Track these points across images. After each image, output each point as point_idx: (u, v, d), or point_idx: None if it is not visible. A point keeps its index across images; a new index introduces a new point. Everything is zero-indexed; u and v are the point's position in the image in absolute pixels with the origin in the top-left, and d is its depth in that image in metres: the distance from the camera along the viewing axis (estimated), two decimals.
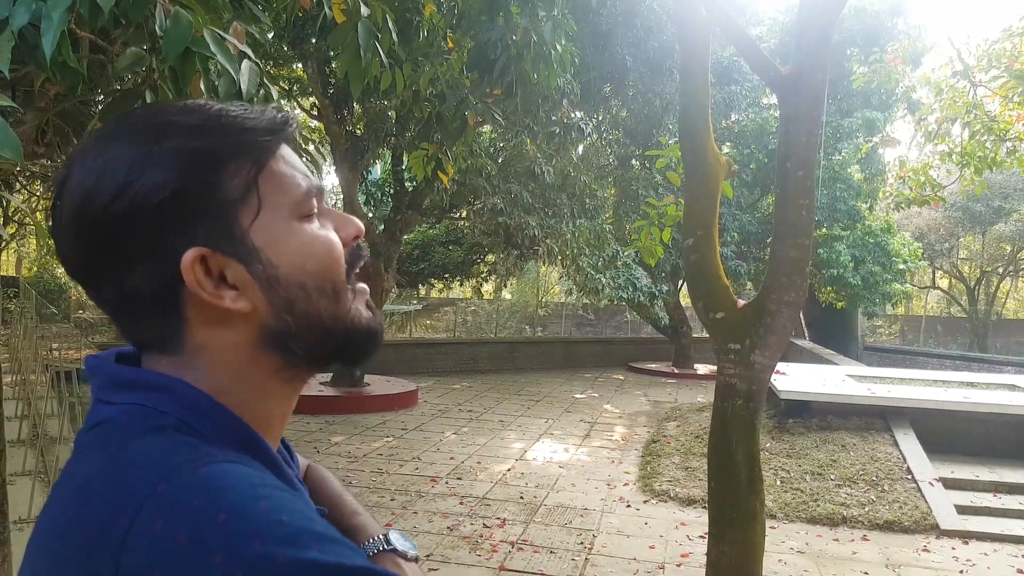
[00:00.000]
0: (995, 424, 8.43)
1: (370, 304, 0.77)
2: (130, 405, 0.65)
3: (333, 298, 0.71)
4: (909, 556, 6.01)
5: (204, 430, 0.65)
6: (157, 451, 0.60)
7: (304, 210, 0.70)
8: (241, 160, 0.67)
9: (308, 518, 0.58)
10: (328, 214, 0.75)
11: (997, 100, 7.10)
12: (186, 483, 0.57)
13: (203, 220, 0.65)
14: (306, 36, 8.56)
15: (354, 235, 0.75)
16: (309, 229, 0.70)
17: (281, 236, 0.68)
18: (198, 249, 0.65)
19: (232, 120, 0.68)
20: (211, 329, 0.68)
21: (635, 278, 14.14)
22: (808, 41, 3.35)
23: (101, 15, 1.32)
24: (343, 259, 0.73)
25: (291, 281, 0.68)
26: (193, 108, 0.69)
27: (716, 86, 15.10)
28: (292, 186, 0.70)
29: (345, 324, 0.73)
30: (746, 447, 3.50)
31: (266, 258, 0.67)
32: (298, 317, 0.69)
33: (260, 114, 0.71)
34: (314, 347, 0.71)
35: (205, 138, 0.66)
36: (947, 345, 29.58)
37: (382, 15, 2.93)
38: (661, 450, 8.98)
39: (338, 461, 8.28)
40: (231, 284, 0.67)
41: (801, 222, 3.34)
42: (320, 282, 0.70)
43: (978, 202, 24.01)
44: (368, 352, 0.77)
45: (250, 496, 0.57)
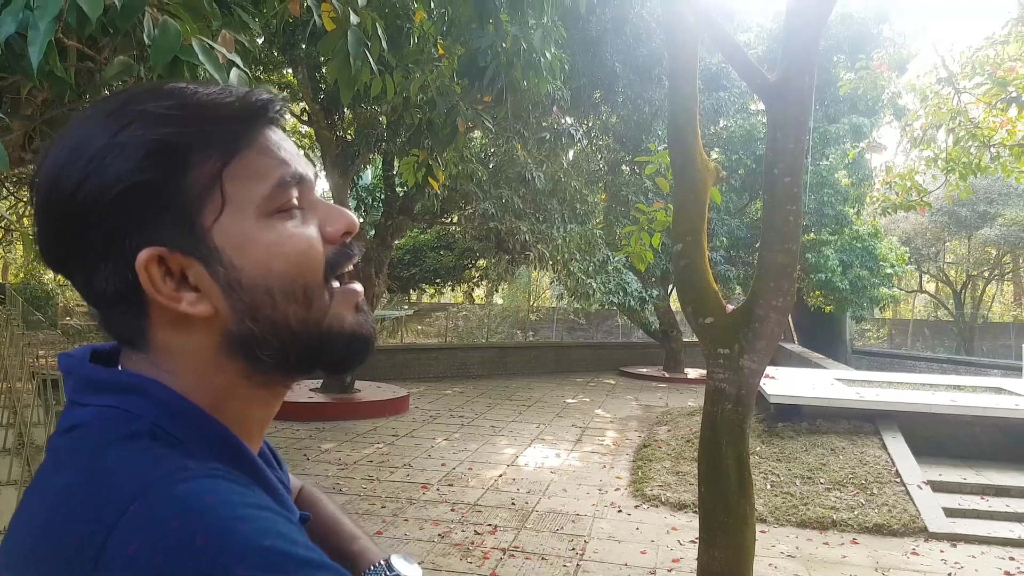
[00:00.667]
0: (982, 427, 8.49)
1: (360, 306, 0.72)
2: (104, 408, 0.63)
3: (304, 303, 0.66)
4: (898, 559, 6.04)
5: (180, 434, 0.62)
6: (132, 464, 0.57)
7: (276, 204, 0.65)
8: (207, 152, 0.63)
9: (292, 541, 0.56)
10: (314, 207, 0.69)
11: (981, 107, 7.16)
12: (162, 501, 0.54)
13: (163, 217, 0.62)
14: (296, 42, 8.56)
15: (343, 231, 0.69)
16: (279, 227, 0.65)
17: (246, 236, 0.64)
18: (154, 249, 0.62)
19: (204, 106, 0.64)
20: (174, 331, 0.65)
21: (626, 283, 14.17)
22: (795, 48, 3.37)
23: (88, 24, 1.32)
24: (320, 259, 0.67)
25: (255, 285, 0.64)
26: (168, 92, 0.64)
27: (704, 92, 15.17)
28: (263, 179, 0.65)
29: (319, 330, 0.67)
30: (736, 451, 3.51)
31: (228, 260, 0.63)
32: (262, 323, 0.65)
33: (237, 98, 0.66)
34: (282, 354, 0.66)
35: (170, 128, 0.62)
36: (934, 348, 29.74)
37: (371, 23, 2.93)
38: (652, 455, 9.00)
39: (328, 468, 8.25)
40: (193, 286, 0.64)
41: (788, 228, 3.36)
42: (288, 285, 0.65)
43: (964, 207, 24.20)
44: (351, 359, 0.72)
45: (230, 517, 0.54)
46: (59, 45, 1.41)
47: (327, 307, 0.68)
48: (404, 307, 22.38)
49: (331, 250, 0.69)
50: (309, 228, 0.67)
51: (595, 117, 13.63)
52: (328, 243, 0.69)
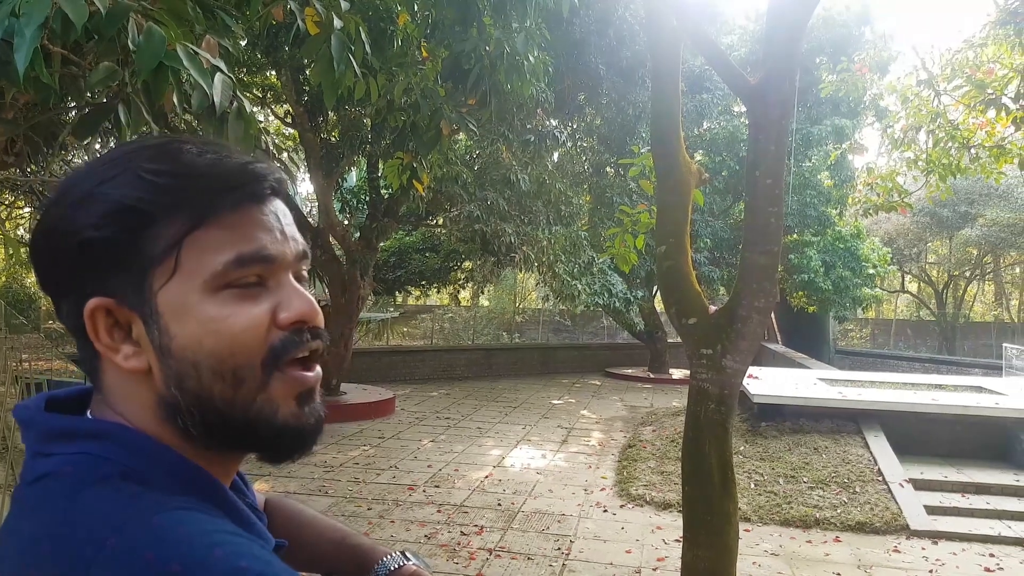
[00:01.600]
0: (963, 425, 8.57)
1: (304, 397, 0.69)
2: (73, 455, 0.63)
3: (232, 384, 0.65)
4: (880, 557, 6.10)
5: (151, 475, 0.63)
6: (106, 503, 0.58)
7: (225, 280, 0.65)
8: (173, 218, 0.64)
9: (266, 562, 0.57)
10: (279, 288, 0.68)
11: (960, 109, 7.25)
12: (137, 534, 0.55)
13: (118, 271, 0.64)
14: (279, 44, 8.53)
15: (294, 319, 0.67)
16: (224, 303, 0.64)
17: (186, 306, 0.64)
18: (101, 299, 0.64)
19: (189, 175, 0.65)
20: (118, 377, 0.67)
21: (611, 284, 14.22)
22: (776, 51, 3.41)
23: (73, 30, 1.33)
24: (260, 342, 0.66)
25: (183, 356, 0.64)
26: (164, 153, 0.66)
27: (688, 94, 15.25)
28: (219, 253, 0.64)
29: (245, 415, 0.66)
30: (719, 451, 3.54)
31: (164, 325, 0.64)
32: (186, 394, 0.64)
33: (228, 170, 0.67)
34: (207, 430, 0.66)
35: (143, 192, 0.63)
36: (916, 348, 29.99)
37: (355, 27, 2.94)
38: (637, 455, 9.04)
39: (314, 471, 8.24)
40: (135, 340, 0.65)
41: (770, 229, 3.39)
42: (216, 364, 0.64)
43: (945, 207, 24.43)
44: (281, 450, 0.70)
45: (204, 544, 0.56)
46: (43, 51, 1.42)
47: (256, 392, 0.66)
48: (390, 309, 22.32)
49: (279, 336, 0.67)
50: (258, 308, 0.66)
51: (579, 119, 13.69)
52: (279, 328, 0.67)
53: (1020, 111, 6.77)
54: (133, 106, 1.64)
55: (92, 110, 1.78)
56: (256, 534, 0.68)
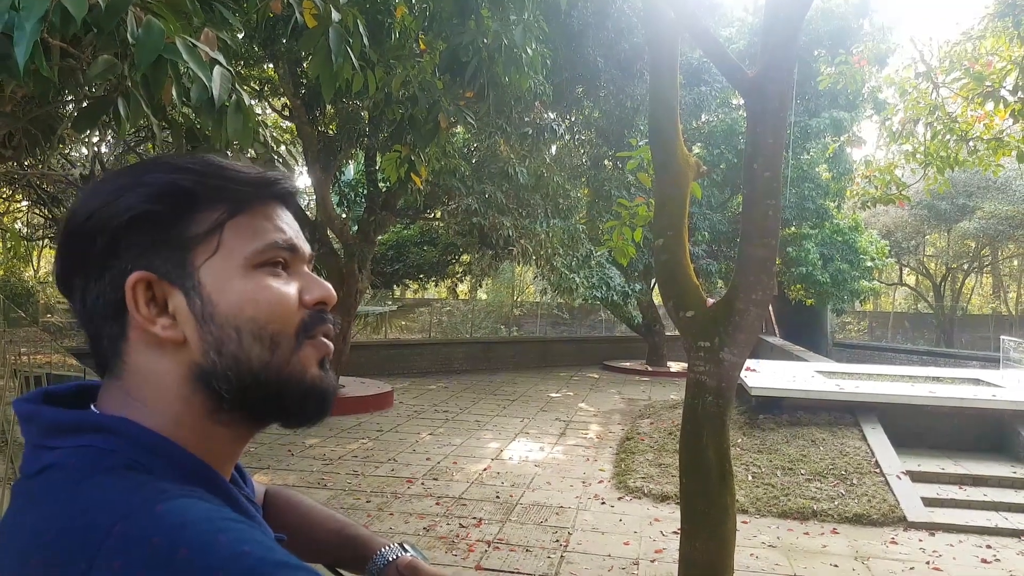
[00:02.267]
0: (960, 418, 8.60)
1: (325, 363, 0.75)
2: (77, 448, 0.64)
3: (269, 347, 0.70)
4: (877, 548, 6.13)
5: (155, 467, 0.64)
6: (112, 491, 0.60)
7: (263, 259, 0.71)
8: (217, 203, 0.70)
9: (268, 548, 0.58)
10: (300, 275, 0.75)
11: (959, 101, 7.25)
12: (144, 521, 0.57)
13: (159, 247, 0.69)
14: (277, 37, 8.51)
15: (317, 299, 0.75)
16: (260, 279, 0.71)
17: (229, 278, 0.69)
18: (144, 273, 0.68)
19: (224, 169, 0.72)
20: (148, 353, 0.69)
21: (608, 277, 14.23)
22: (774, 43, 3.40)
23: (73, 23, 1.33)
24: (293, 313, 0.72)
25: (225, 321, 0.69)
26: (196, 158, 0.73)
27: (686, 87, 15.23)
28: (258, 237, 0.71)
29: (279, 375, 0.71)
30: (717, 443, 3.55)
31: (207, 295, 0.69)
32: (226, 358, 0.69)
33: (254, 171, 0.74)
34: (241, 392, 0.70)
35: (187, 175, 0.70)
36: (914, 341, 30.04)
37: (353, 19, 2.94)
38: (635, 447, 9.06)
39: (312, 464, 8.25)
40: (171, 313, 0.69)
41: (768, 222, 3.40)
42: (257, 328, 0.69)
43: (943, 200, 24.45)
44: (309, 412, 0.74)
45: (209, 530, 0.57)
46: (43, 44, 1.42)
47: (291, 355, 0.72)
48: (388, 303, 22.29)
49: (306, 313, 0.74)
50: (289, 286, 0.73)
51: (577, 112, 13.66)
52: (303, 307, 0.74)
53: (1018, 104, 6.77)
54: (132, 99, 1.64)
55: (92, 103, 1.78)
56: (257, 524, 0.70)
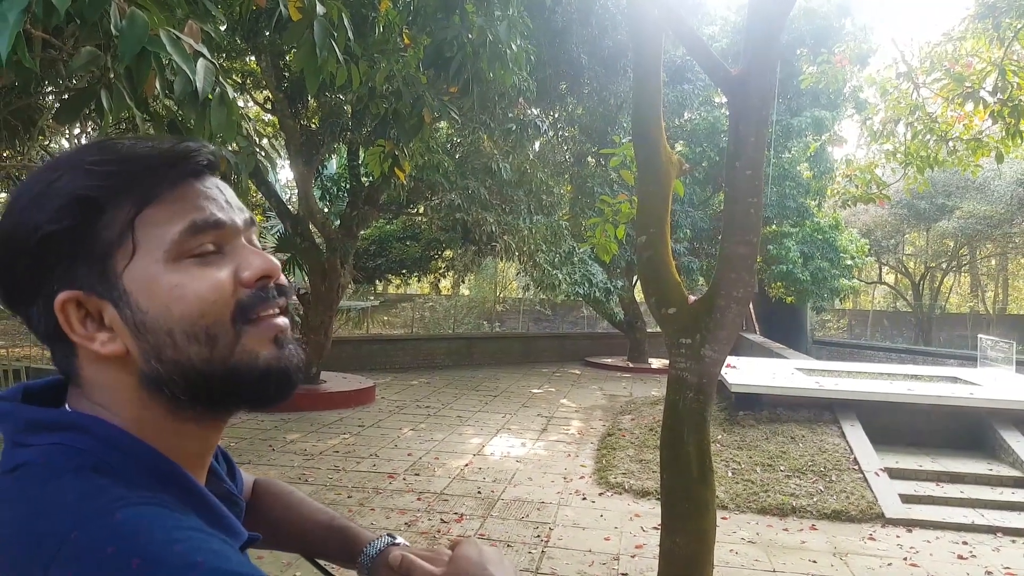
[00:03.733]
0: (938, 415, 8.71)
1: (281, 340, 0.72)
2: (49, 446, 0.65)
3: (207, 344, 0.68)
4: (856, 544, 6.19)
5: (122, 467, 0.65)
6: (72, 496, 0.60)
7: (184, 250, 0.68)
8: (121, 201, 0.67)
9: (224, 557, 0.58)
10: (236, 252, 0.71)
11: (939, 101, 7.31)
12: (99, 529, 0.57)
13: (79, 262, 0.66)
14: (259, 29, 8.46)
15: (258, 275, 0.71)
16: (185, 270, 0.67)
17: (152, 279, 0.67)
18: (70, 292, 0.66)
19: (126, 159, 0.68)
20: (96, 367, 0.69)
21: (591, 274, 14.26)
22: (756, 42, 3.42)
23: (56, 14, 1.32)
24: (227, 301, 0.69)
25: (157, 327, 0.67)
26: (99, 147, 0.69)
27: (669, 85, 15.28)
28: (172, 225, 0.68)
29: (225, 368, 0.69)
30: (697, 439, 3.57)
31: (135, 303, 0.66)
32: (167, 363, 0.67)
33: (162, 151, 0.70)
34: (192, 392, 0.68)
35: (87, 181, 0.66)
36: (893, 339, 30.34)
37: (338, 13, 2.93)
38: (616, 443, 9.10)
39: (293, 459, 8.22)
40: (108, 327, 0.67)
41: (749, 220, 3.42)
42: (188, 326, 0.67)
43: (922, 200, 24.65)
44: (267, 393, 0.72)
45: (164, 540, 0.57)
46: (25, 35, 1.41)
47: (232, 347, 0.69)
48: (370, 298, 22.22)
49: (246, 294, 0.70)
50: (220, 272, 0.69)
51: (561, 108, 13.68)
52: (244, 287, 0.70)
53: (997, 105, 6.84)
54: (115, 91, 1.63)
55: (74, 95, 1.76)
56: (226, 527, 0.69)
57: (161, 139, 0.72)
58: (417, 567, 0.91)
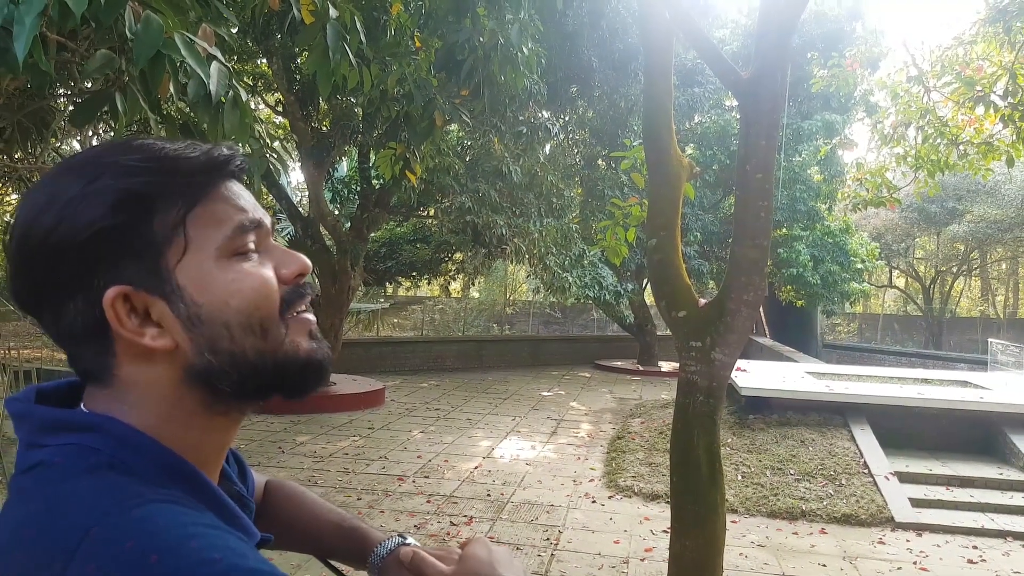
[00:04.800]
0: (948, 419, 8.66)
1: (314, 334, 0.77)
2: (65, 445, 0.66)
3: (260, 335, 0.71)
4: (865, 548, 6.16)
5: (137, 466, 0.65)
6: (90, 494, 0.61)
7: (234, 248, 0.70)
8: (172, 200, 0.68)
9: (240, 554, 0.59)
10: (270, 251, 0.75)
11: (949, 105, 7.29)
12: (118, 525, 0.58)
13: (129, 258, 0.67)
14: (271, 32, 8.50)
15: (296, 272, 0.75)
16: (237, 267, 0.70)
17: (206, 275, 0.69)
18: (120, 287, 0.66)
19: (170, 160, 0.69)
20: (138, 364, 0.69)
21: (601, 277, 14.25)
22: (767, 45, 3.42)
23: (72, 18, 1.33)
24: (275, 295, 0.72)
25: (214, 319, 0.69)
26: (137, 147, 0.70)
27: (680, 88, 15.27)
28: (222, 224, 0.70)
29: (275, 359, 0.72)
30: (707, 442, 3.57)
31: (189, 297, 0.68)
32: (221, 355, 0.69)
33: (201, 152, 0.72)
34: (240, 384, 0.71)
35: (138, 178, 0.67)
36: (903, 342, 30.21)
37: (350, 16, 2.94)
38: (626, 446, 9.08)
39: (303, 461, 8.24)
40: (155, 321, 0.68)
41: (760, 223, 3.41)
42: (245, 319, 0.70)
43: (933, 203, 24.58)
44: (307, 383, 0.76)
45: (181, 535, 0.58)
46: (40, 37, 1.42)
47: (283, 337, 0.73)
48: (380, 300, 22.29)
49: (285, 290, 0.74)
50: (265, 269, 0.73)
51: (572, 111, 13.69)
52: (282, 284, 0.74)
53: (1008, 108, 6.82)
54: (130, 94, 1.64)
55: (90, 97, 1.78)
56: (239, 527, 0.70)
57: (189, 142, 0.74)
58: (428, 564, 0.91)
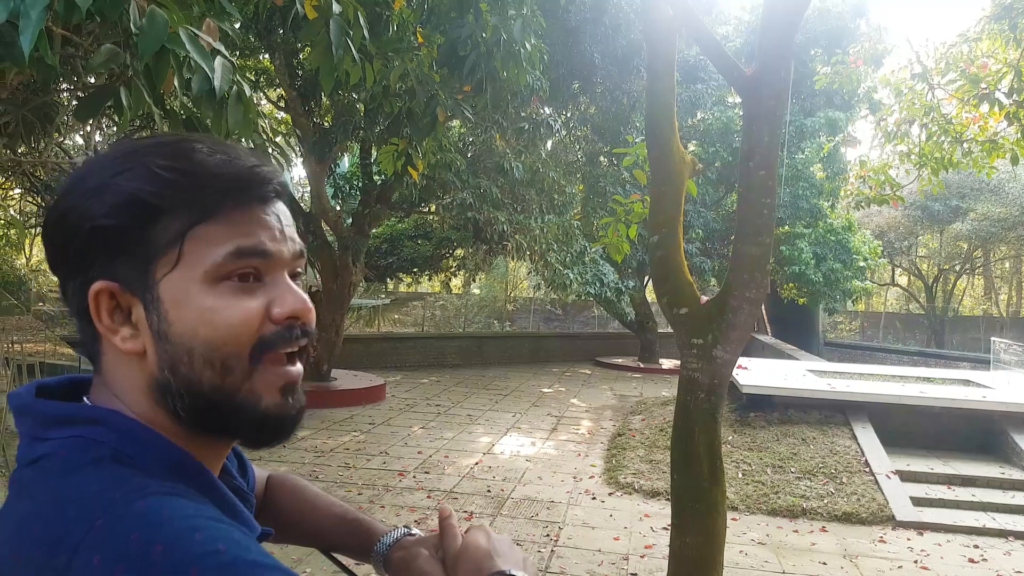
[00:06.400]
0: (949, 418, 8.66)
1: (287, 390, 0.72)
2: (68, 439, 0.66)
3: (220, 372, 0.68)
4: (866, 547, 6.17)
5: (140, 458, 0.66)
6: (95, 486, 0.61)
7: (224, 272, 0.68)
8: (178, 213, 0.67)
9: (244, 547, 0.59)
10: (275, 285, 0.71)
11: (954, 103, 7.27)
12: (123, 517, 0.58)
13: (124, 258, 0.67)
14: (274, 27, 8.49)
15: (287, 314, 0.71)
16: (222, 295, 0.68)
17: (186, 295, 0.67)
18: (107, 283, 0.68)
19: (198, 173, 0.68)
20: (116, 358, 0.70)
21: (602, 274, 14.24)
22: (771, 42, 3.41)
23: (77, 12, 1.33)
24: (250, 334, 0.69)
25: (179, 342, 0.67)
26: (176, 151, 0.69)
27: (682, 84, 15.24)
28: (220, 246, 0.68)
29: (230, 402, 0.69)
30: (708, 440, 3.57)
31: (164, 311, 0.67)
32: (178, 378, 0.68)
33: (236, 172, 0.70)
34: (194, 413, 0.69)
35: (152, 187, 0.67)
36: (905, 341, 30.18)
37: (353, 11, 2.94)
38: (626, 443, 9.09)
39: (304, 456, 8.26)
40: (134, 323, 0.69)
41: (762, 221, 3.41)
42: (208, 352, 0.68)
43: (936, 201, 24.51)
44: (264, 438, 0.73)
45: (185, 527, 0.58)
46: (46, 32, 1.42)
47: (241, 382, 0.69)
48: (381, 296, 22.28)
49: (271, 329, 0.70)
50: (253, 302, 0.69)
51: (574, 108, 13.68)
52: (272, 322, 0.70)
53: (1013, 106, 6.80)
54: (134, 88, 1.64)
55: (94, 92, 1.78)
56: (241, 521, 0.71)
57: (240, 153, 0.72)
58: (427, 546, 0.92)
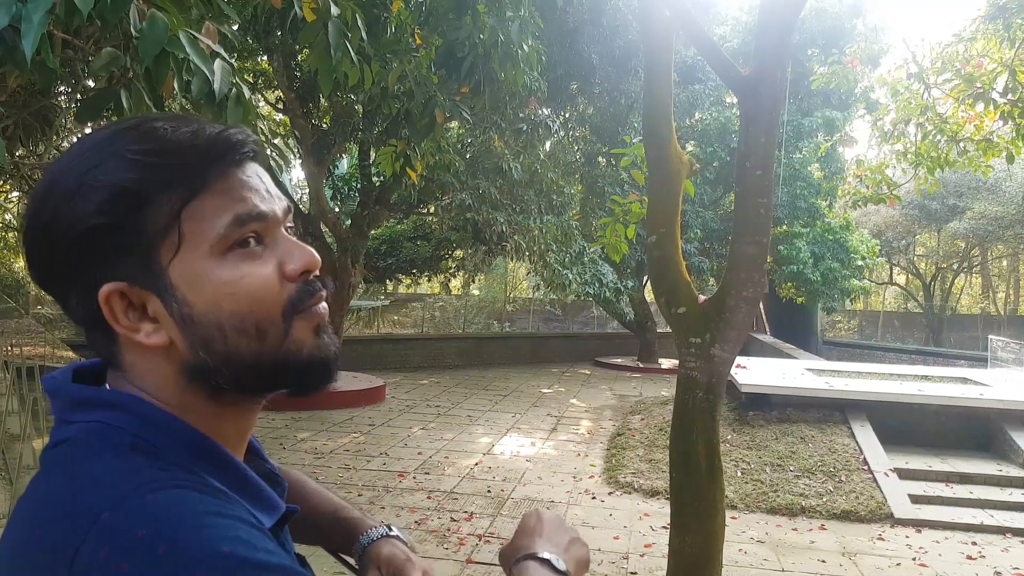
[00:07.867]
0: (948, 416, 8.68)
1: (322, 328, 0.73)
2: (90, 423, 0.67)
3: (256, 337, 0.69)
4: (865, 544, 6.19)
5: (160, 444, 0.66)
6: (108, 476, 0.61)
7: (230, 242, 0.67)
8: (167, 194, 0.66)
9: (252, 547, 0.59)
10: (277, 244, 0.71)
11: (949, 102, 7.30)
12: (131, 512, 0.58)
13: (123, 254, 0.66)
14: (272, 29, 8.50)
15: (301, 269, 0.71)
16: (234, 265, 0.68)
17: (199, 274, 0.67)
18: (114, 284, 0.66)
19: (172, 150, 0.67)
20: (139, 354, 0.70)
21: (601, 274, 14.25)
22: (768, 42, 3.42)
23: (79, 16, 1.34)
24: (276, 297, 0.69)
25: (207, 320, 0.67)
26: (143, 133, 0.68)
27: (680, 85, 15.28)
28: (218, 217, 0.67)
29: (274, 360, 0.70)
30: (706, 438, 3.58)
31: (181, 296, 0.67)
32: (215, 355, 0.68)
33: (207, 138, 0.69)
34: (237, 381, 0.70)
35: (134, 173, 0.65)
36: (903, 340, 30.22)
37: (351, 13, 2.96)
38: (626, 443, 9.11)
39: (304, 457, 8.27)
40: (152, 317, 0.68)
41: (759, 220, 3.43)
42: (239, 322, 0.68)
43: (934, 200, 24.57)
44: (311, 383, 0.74)
45: (193, 525, 0.58)
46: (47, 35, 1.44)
47: (283, 338, 0.70)
48: (380, 297, 22.28)
49: (293, 288, 0.71)
50: (266, 267, 0.69)
51: (572, 108, 13.70)
52: (289, 281, 0.70)
53: (1008, 105, 6.83)
54: (134, 91, 1.66)
55: (95, 95, 1.79)
56: (265, 502, 0.72)
57: (200, 122, 0.71)
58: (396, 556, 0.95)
